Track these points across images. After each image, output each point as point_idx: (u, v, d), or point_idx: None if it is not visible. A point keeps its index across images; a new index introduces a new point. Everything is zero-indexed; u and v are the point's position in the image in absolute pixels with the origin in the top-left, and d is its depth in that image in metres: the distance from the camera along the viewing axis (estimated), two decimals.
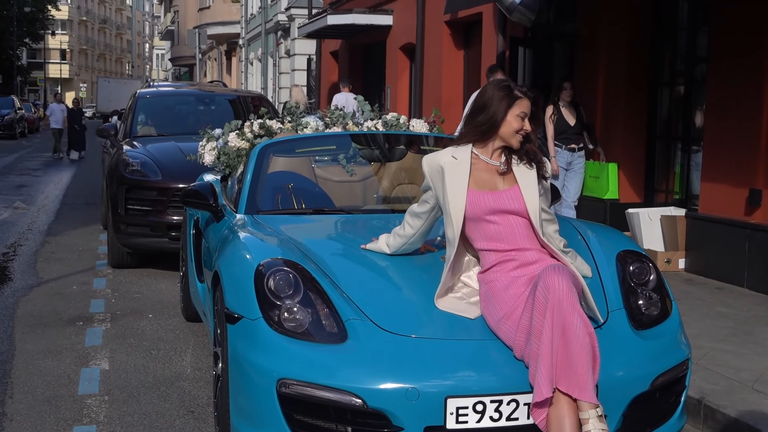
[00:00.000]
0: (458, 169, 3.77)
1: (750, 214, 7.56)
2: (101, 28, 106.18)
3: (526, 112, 3.73)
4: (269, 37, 30.78)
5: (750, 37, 7.57)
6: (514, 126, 3.72)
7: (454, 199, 3.73)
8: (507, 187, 3.76)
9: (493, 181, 3.78)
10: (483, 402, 3.35)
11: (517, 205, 3.72)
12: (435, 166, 3.83)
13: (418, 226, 4.01)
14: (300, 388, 3.40)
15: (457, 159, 3.79)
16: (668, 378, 3.71)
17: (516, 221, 3.72)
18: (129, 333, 6.27)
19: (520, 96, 3.73)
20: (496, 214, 3.71)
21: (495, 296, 3.61)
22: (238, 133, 6.19)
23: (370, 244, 4.12)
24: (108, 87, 53.73)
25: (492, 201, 3.72)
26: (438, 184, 3.81)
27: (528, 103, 3.74)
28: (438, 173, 3.81)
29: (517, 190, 3.74)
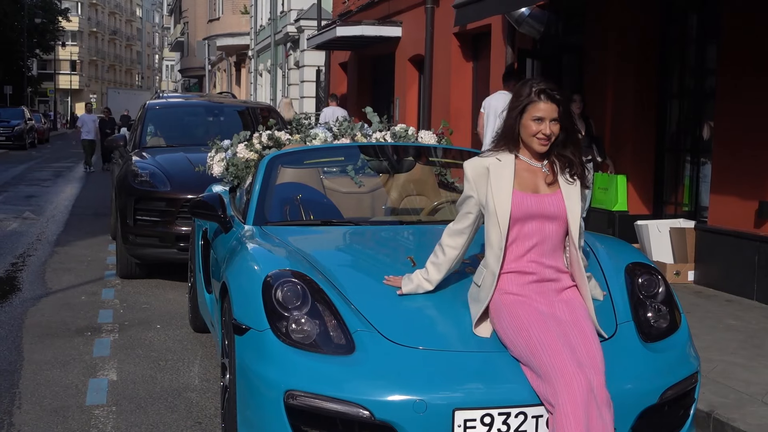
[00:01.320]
0: (503, 169, 3.66)
1: (759, 227, 7.54)
2: (111, 39, 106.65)
3: (543, 116, 3.59)
4: (278, 48, 30.87)
5: (759, 50, 7.56)
6: (531, 130, 3.61)
7: (500, 199, 3.61)
8: (550, 192, 3.67)
9: (535, 182, 3.67)
10: (491, 414, 3.33)
11: (559, 211, 3.64)
12: (480, 168, 3.71)
13: (462, 244, 3.82)
14: (307, 399, 3.39)
15: (501, 161, 3.69)
16: (677, 391, 3.69)
17: (551, 229, 3.64)
18: (137, 344, 6.27)
19: (535, 99, 3.61)
20: (535, 218, 3.63)
21: (507, 309, 3.58)
22: (247, 145, 6.21)
23: (405, 287, 3.83)
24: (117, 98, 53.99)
25: (534, 204, 3.62)
26: (482, 187, 3.68)
27: (548, 106, 3.58)
28: (482, 176, 3.68)
29: (560, 197, 3.66)
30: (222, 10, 41.03)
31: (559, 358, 3.36)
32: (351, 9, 20.07)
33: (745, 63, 7.74)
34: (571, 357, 3.39)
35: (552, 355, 3.37)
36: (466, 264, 4.05)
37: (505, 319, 3.55)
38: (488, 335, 3.60)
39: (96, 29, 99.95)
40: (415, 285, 3.83)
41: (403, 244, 4.72)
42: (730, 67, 8.00)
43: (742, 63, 7.79)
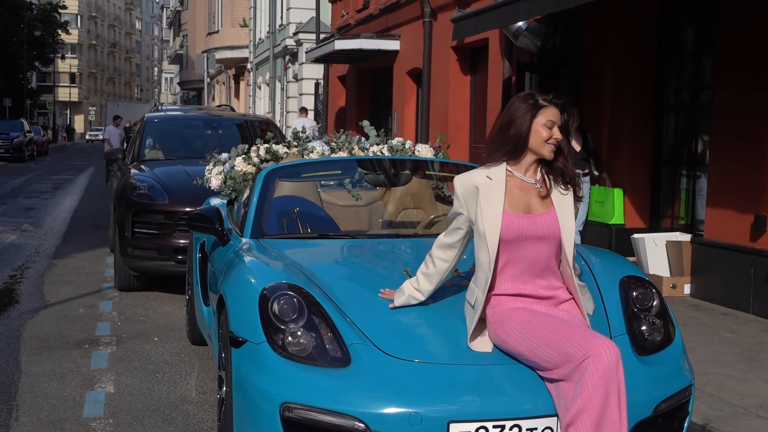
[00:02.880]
0: (493, 189, 3.64)
1: (755, 240, 7.56)
2: (111, 51, 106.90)
3: (553, 120, 3.61)
4: (277, 61, 30.96)
5: (755, 63, 7.61)
6: (542, 135, 3.60)
7: (490, 221, 3.60)
8: (543, 210, 3.66)
9: (528, 202, 3.66)
10: (485, 427, 3.35)
11: (552, 232, 3.64)
12: (469, 186, 3.68)
13: (452, 257, 3.81)
14: (303, 412, 3.41)
15: (492, 179, 3.65)
16: (671, 404, 3.71)
17: (544, 249, 3.64)
18: (134, 356, 6.29)
19: (544, 104, 3.62)
20: (528, 239, 3.62)
21: (510, 315, 3.60)
22: (245, 158, 6.24)
23: (397, 300, 3.85)
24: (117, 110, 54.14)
25: (527, 225, 3.61)
26: (472, 205, 3.66)
27: (555, 111, 3.63)
28: (472, 194, 3.66)
29: (554, 215, 3.66)
30: (221, 23, 41.13)
31: (578, 334, 3.42)
32: (350, 22, 20.15)
33: (741, 76, 7.78)
34: (592, 332, 3.47)
35: (568, 334, 3.42)
36: (462, 277, 4.07)
37: (509, 324, 3.57)
38: (489, 350, 3.62)
39: (95, 42, 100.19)
40: (407, 296, 3.85)
41: (400, 257, 4.74)
42: (725, 80, 8.04)
43: (737, 76, 7.83)
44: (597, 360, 3.31)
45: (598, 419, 3.30)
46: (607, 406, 3.31)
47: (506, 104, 3.84)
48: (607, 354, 3.33)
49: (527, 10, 9.21)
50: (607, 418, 3.32)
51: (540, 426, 3.40)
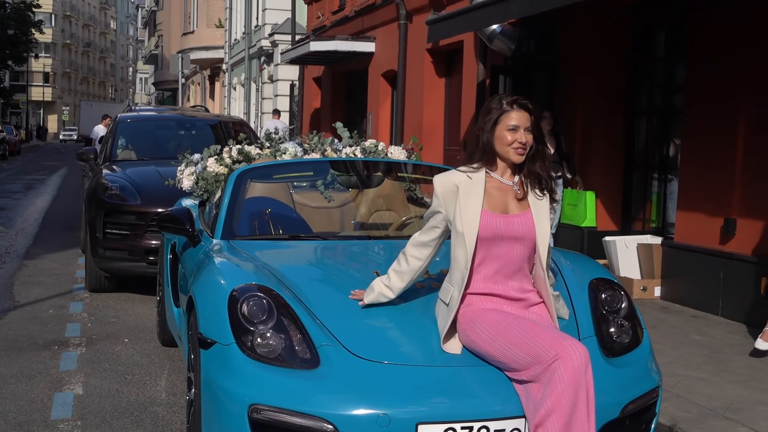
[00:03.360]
0: (473, 188, 3.65)
1: (725, 243, 7.63)
2: (85, 51, 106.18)
3: (517, 125, 3.60)
4: (253, 62, 30.89)
5: (725, 68, 7.68)
6: (507, 140, 3.61)
7: (469, 219, 3.60)
8: (520, 211, 3.67)
9: (505, 202, 3.67)
10: (453, 428, 3.36)
11: (527, 233, 3.65)
12: (449, 185, 3.68)
13: (426, 256, 3.80)
14: (271, 413, 3.40)
15: (471, 179, 3.67)
16: (638, 405, 3.74)
17: (518, 250, 3.66)
18: (104, 357, 6.25)
19: (507, 109, 3.63)
20: (503, 239, 3.63)
21: (480, 317, 3.61)
22: (217, 159, 6.23)
23: (367, 297, 3.83)
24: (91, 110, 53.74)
25: (503, 225, 3.62)
26: (451, 204, 3.66)
27: (519, 114, 3.61)
28: (452, 193, 3.66)
29: (530, 218, 3.67)
30: (196, 23, 40.95)
31: (547, 336, 3.44)
32: (325, 24, 20.14)
33: (712, 82, 7.85)
34: (561, 334, 3.49)
35: (538, 336, 3.44)
36: (432, 279, 4.08)
37: (479, 325, 3.58)
38: (458, 351, 3.62)
39: (70, 41, 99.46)
40: (377, 294, 3.83)
41: (371, 258, 4.74)
42: (697, 85, 8.12)
43: (708, 82, 7.90)
44: (566, 362, 3.33)
45: (566, 420, 3.32)
46: (575, 407, 3.33)
47: (480, 107, 3.84)
48: (576, 356, 3.35)
49: (501, 13, 9.24)
50: (576, 420, 3.34)
51: (508, 427, 3.41)
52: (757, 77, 7.36)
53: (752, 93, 7.41)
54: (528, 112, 3.63)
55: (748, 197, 7.41)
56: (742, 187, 7.47)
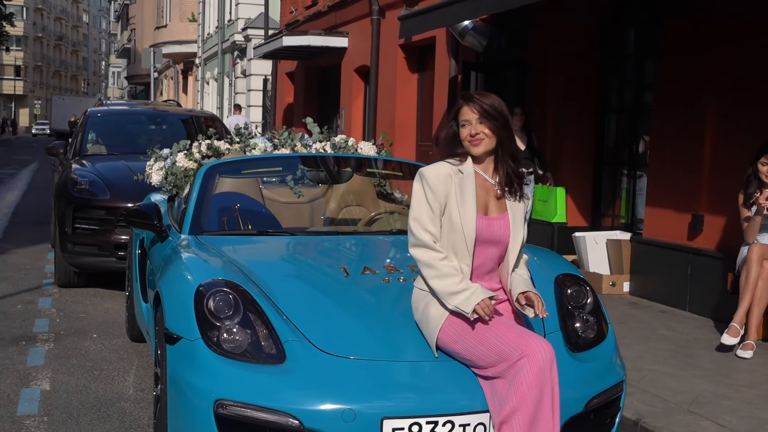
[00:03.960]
0: (466, 184, 3.63)
1: (692, 239, 7.71)
2: (57, 45, 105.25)
3: (467, 119, 3.60)
4: (226, 57, 30.76)
5: (692, 66, 7.75)
6: (462, 135, 3.62)
7: (467, 217, 3.58)
8: (498, 214, 3.68)
9: (487, 202, 3.67)
10: (419, 423, 3.38)
11: (502, 238, 3.66)
12: (442, 175, 3.61)
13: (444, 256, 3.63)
14: (237, 409, 3.40)
15: (463, 173, 3.65)
16: (603, 400, 3.77)
17: (492, 252, 3.67)
18: (72, 353, 6.21)
19: (460, 104, 3.65)
20: (481, 242, 3.63)
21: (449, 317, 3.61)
22: (186, 154, 6.21)
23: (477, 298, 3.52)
24: (62, 104, 53.31)
25: (484, 228, 3.62)
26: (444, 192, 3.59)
27: (468, 109, 3.60)
28: (445, 182, 3.60)
29: (507, 222, 3.68)
30: (169, 17, 40.73)
31: (513, 334, 3.46)
32: (298, 19, 20.09)
33: (680, 79, 7.91)
34: (527, 332, 3.51)
35: (505, 334, 3.46)
36: (399, 274, 4.10)
37: (447, 324, 3.57)
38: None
39: (41, 34, 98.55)
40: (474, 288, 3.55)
41: (339, 254, 4.74)
42: (666, 83, 8.18)
43: (677, 80, 7.97)
44: (532, 359, 3.36)
45: (531, 418, 3.35)
46: (540, 405, 3.36)
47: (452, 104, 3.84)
48: (542, 353, 3.38)
49: (472, 9, 9.27)
50: (541, 417, 3.37)
51: (473, 422, 3.44)
52: (724, 76, 7.43)
53: (719, 91, 7.47)
54: (474, 103, 3.61)
55: (715, 194, 7.48)
56: (710, 183, 7.55)
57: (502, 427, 3.37)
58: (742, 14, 7.28)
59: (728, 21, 7.41)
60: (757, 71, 7.12)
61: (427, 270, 3.59)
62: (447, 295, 3.54)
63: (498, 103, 3.65)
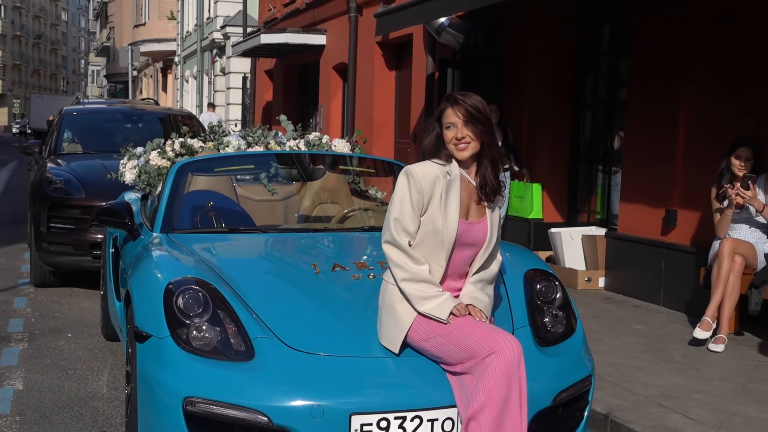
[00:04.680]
0: (452, 187, 3.62)
1: (666, 234, 7.76)
2: (35, 43, 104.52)
3: (452, 121, 3.60)
4: (205, 54, 30.67)
5: (665, 63, 7.80)
6: (447, 138, 3.62)
7: (449, 221, 3.59)
8: (477, 218, 3.69)
9: (468, 206, 3.68)
10: (387, 419, 3.40)
11: (478, 241, 3.68)
12: (430, 176, 3.59)
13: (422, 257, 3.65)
14: (206, 406, 3.41)
15: (451, 176, 3.64)
16: (571, 393, 3.80)
17: (466, 255, 3.69)
18: (46, 352, 6.20)
19: (445, 106, 3.64)
20: (459, 245, 3.65)
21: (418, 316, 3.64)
22: (160, 152, 6.20)
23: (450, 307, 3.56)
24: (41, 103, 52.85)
25: (464, 231, 3.64)
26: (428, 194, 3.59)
27: (452, 111, 3.60)
28: (432, 184, 3.59)
29: (485, 227, 3.69)
30: (148, 15, 40.55)
31: (481, 331, 3.47)
32: (276, 16, 20.05)
33: (652, 76, 7.97)
34: (495, 329, 3.53)
35: (473, 331, 3.48)
36: (369, 270, 4.11)
37: (416, 322, 3.59)
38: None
39: (20, 33, 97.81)
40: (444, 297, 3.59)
41: (310, 251, 4.75)
42: (639, 80, 8.23)
43: (650, 76, 8.02)
44: (500, 356, 3.38)
45: (498, 414, 3.37)
46: (508, 401, 3.39)
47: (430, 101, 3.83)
48: (509, 350, 3.40)
49: (447, 6, 9.29)
50: (508, 413, 3.39)
51: (441, 417, 3.46)
52: (696, 72, 7.48)
53: (690, 87, 7.52)
54: (460, 106, 3.61)
55: (688, 189, 7.53)
56: (683, 179, 7.60)
57: (470, 424, 3.39)
58: (709, 6, 7.32)
59: (697, 14, 7.45)
60: (727, 65, 7.18)
61: (398, 271, 3.60)
62: (419, 299, 3.56)
63: (481, 105, 3.66)
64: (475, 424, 3.38)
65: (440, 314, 3.53)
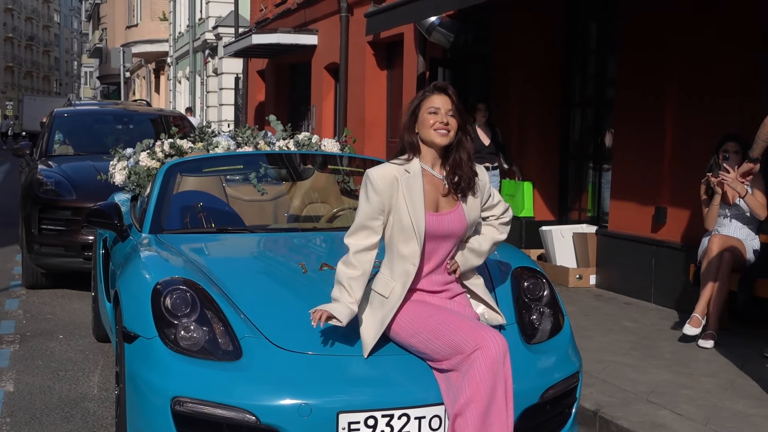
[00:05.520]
0: (413, 182, 3.63)
1: (656, 231, 7.79)
2: (28, 45, 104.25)
3: (438, 107, 3.61)
4: (197, 55, 30.64)
5: (652, 61, 7.82)
6: (429, 122, 3.61)
7: (417, 216, 3.60)
8: (449, 208, 3.69)
9: (436, 199, 3.68)
10: (374, 417, 3.41)
11: (454, 231, 3.68)
12: (389, 178, 3.62)
13: (374, 257, 3.68)
14: (194, 406, 3.42)
15: (409, 173, 3.65)
16: (558, 390, 3.81)
17: (445, 246, 3.70)
18: (38, 354, 6.20)
19: (428, 93, 3.66)
20: (433, 238, 3.66)
21: (401, 310, 3.65)
22: (149, 153, 6.21)
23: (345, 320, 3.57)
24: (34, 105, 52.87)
25: (435, 224, 3.65)
26: (392, 197, 3.61)
27: (438, 98, 3.63)
28: (392, 186, 3.61)
29: (459, 214, 3.69)
30: (140, 16, 40.50)
31: (466, 327, 3.49)
32: (268, 16, 20.05)
33: (640, 74, 7.99)
34: (480, 325, 3.55)
35: (459, 327, 3.49)
36: None
37: (402, 317, 3.63)
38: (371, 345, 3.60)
39: (12, 35, 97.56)
40: (349, 312, 3.61)
41: (298, 250, 4.77)
42: (626, 78, 8.26)
43: (637, 74, 8.04)
44: (486, 352, 3.40)
45: (485, 410, 3.38)
46: (494, 397, 3.40)
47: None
48: (495, 346, 3.42)
49: (436, 6, 9.31)
50: (494, 409, 3.41)
51: (428, 414, 3.48)
52: (682, 68, 7.51)
53: (678, 83, 7.55)
54: (448, 96, 3.64)
55: (677, 186, 7.56)
56: (672, 176, 7.63)
57: (457, 420, 3.41)
58: (696, 5, 7.35)
59: (683, 11, 7.48)
60: (714, 61, 7.20)
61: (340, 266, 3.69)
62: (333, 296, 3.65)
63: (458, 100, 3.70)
64: (461, 420, 3.40)
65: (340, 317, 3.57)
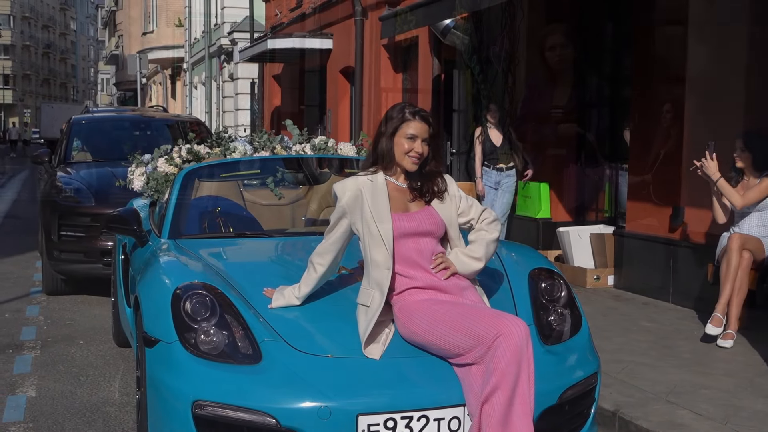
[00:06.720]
0: (377, 190, 3.78)
1: (673, 231, 7.77)
2: (45, 52, 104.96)
3: (415, 134, 3.76)
4: (213, 61, 30.76)
5: (669, 60, 7.81)
6: (404, 147, 3.76)
7: (382, 220, 3.72)
8: (418, 208, 3.83)
9: (404, 202, 3.83)
10: (394, 419, 3.43)
11: (430, 227, 3.80)
12: (353, 190, 3.79)
13: (330, 261, 3.90)
14: (214, 409, 3.45)
15: (373, 182, 3.81)
16: (577, 391, 3.82)
17: (426, 243, 3.78)
18: (59, 360, 6.25)
19: (409, 118, 3.78)
20: (410, 236, 3.77)
21: (417, 307, 3.69)
22: (167, 159, 6.24)
23: (275, 302, 3.88)
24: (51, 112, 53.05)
25: (407, 222, 3.76)
26: (357, 209, 3.77)
27: (418, 125, 3.77)
28: (357, 197, 3.77)
29: (430, 212, 3.82)
30: (156, 23, 40.68)
31: (485, 316, 3.54)
32: (283, 21, 20.13)
33: (655, 73, 7.98)
34: (499, 312, 3.60)
35: (477, 317, 3.54)
36: None
37: (418, 316, 3.66)
38: (377, 357, 3.63)
39: (29, 43, 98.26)
40: (286, 300, 3.88)
41: None
42: (642, 78, 8.24)
43: (652, 74, 8.03)
44: (508, 338, 3.42)
45: (510, 394, 3.41)
46: (518, 381, 3.43)
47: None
48: (517, 331, 3.45)
49: (448, 8, 9.33)
50: (518, 393, 3.43)
51: (447, 416, 3.49)
52: (699, 67, 7.49)
53: (697, 85, 7.53)
54: (427, 124, 3.79)
55: (695, 186, 7.52)
56: (689, 176, 7.58)
57: (483, 407, 3.41)
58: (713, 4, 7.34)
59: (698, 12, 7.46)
60: (731, 61, 7.18)
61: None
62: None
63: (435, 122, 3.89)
64: (488, 407, 3.40)
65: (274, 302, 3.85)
